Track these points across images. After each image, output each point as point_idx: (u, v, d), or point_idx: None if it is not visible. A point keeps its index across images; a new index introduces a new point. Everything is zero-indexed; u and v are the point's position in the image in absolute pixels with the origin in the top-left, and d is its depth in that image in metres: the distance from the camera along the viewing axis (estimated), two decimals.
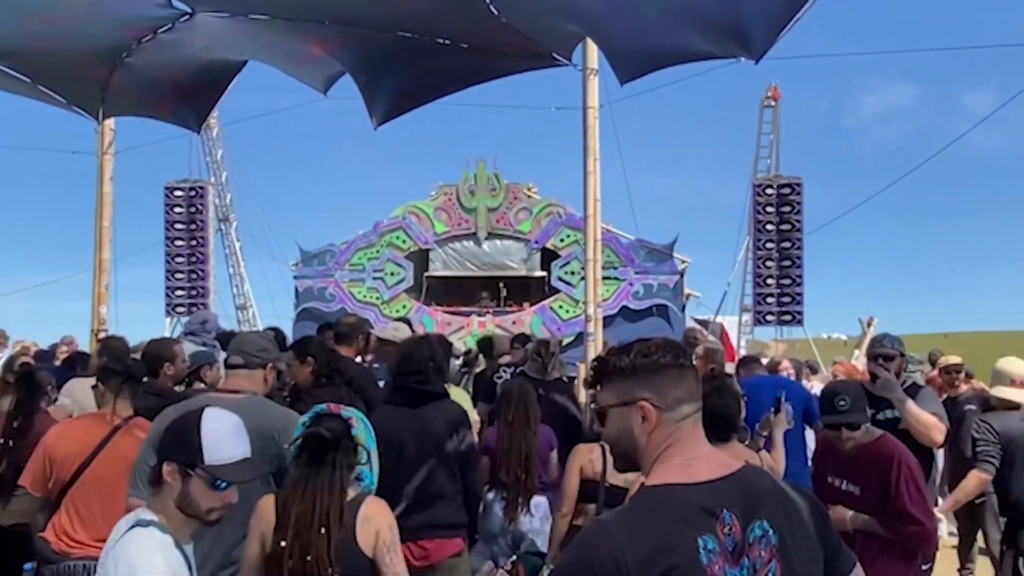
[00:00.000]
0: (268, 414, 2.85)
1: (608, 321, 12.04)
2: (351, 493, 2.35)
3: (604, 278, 10.73)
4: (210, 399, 2.85)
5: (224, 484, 1.89)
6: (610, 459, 3.15)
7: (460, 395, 4.33)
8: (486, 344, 6.57)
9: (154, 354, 4.08)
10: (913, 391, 3.99)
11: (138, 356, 4.01)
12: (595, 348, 7.27)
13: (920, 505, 3.20)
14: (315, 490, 2.27)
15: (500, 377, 5.59)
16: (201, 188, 16.17)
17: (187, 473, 1.89)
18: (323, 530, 2.24)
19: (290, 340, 4.71)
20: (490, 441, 4.27)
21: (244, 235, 19.05)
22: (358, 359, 4.74)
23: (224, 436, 1.92)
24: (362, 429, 2.40)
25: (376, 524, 2.34)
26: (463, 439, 3.35)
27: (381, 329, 5.10)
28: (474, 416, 4.44)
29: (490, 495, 4.15)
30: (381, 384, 4.29)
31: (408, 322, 5.82)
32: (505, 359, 6.25)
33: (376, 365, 4.98)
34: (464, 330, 14.48)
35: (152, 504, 1.94)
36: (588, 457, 3.61)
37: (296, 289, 15.51)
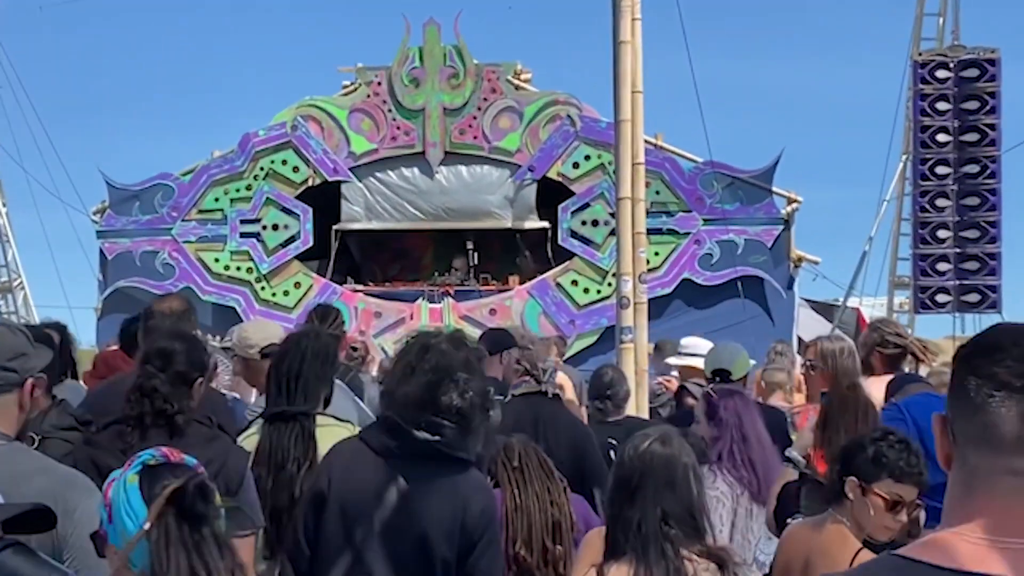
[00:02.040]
0: (36, 469, 2.76)
1: (658, 307, 11.51)
2: None
3: (651, 231, 10.67)
4: None
5: None
6: None
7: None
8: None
9: None
10: None
11: None
12: (635, 353, 7.24)
13: None
14: None
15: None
16: None
17: None
18: None
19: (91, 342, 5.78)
20: None
21: (5, 161, 17.77)
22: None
23: None
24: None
25: None
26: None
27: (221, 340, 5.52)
28: None
29: None
30: None
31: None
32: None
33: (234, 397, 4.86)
34: (405, 325, 12.96)
35: None
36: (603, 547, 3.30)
37: (102, 255, 14.01)
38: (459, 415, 2.92)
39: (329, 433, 3.69)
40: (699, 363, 6.03)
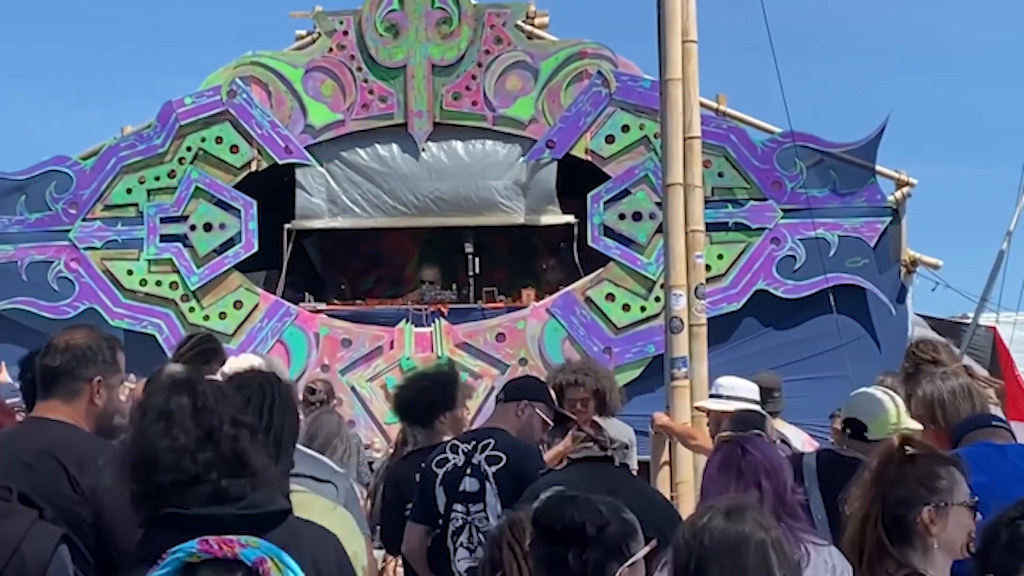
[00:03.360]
0: None
1: (723, 329, 10.99)
2: None
3: (712, 227, 10.69)
4: None
5: None
6: None
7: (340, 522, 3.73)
8: (436, 381, 6.16)
9: None
10: None
11: None
12: (693, 392, 7.26)
13: None
14: None
15: (445, 461, 5.22)
16: None
17: None
18: None
19: None
20: None
21: None
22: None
23: None
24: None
25: None
26: None
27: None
28: (362, 558, 3.86)
29: None
30: None
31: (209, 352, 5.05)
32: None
33: None
34: (384, 356, 12.25)
35: None
36: None
37: None
38: (231, 466, 2.81)
39: (305, 503, 3.52)
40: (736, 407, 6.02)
